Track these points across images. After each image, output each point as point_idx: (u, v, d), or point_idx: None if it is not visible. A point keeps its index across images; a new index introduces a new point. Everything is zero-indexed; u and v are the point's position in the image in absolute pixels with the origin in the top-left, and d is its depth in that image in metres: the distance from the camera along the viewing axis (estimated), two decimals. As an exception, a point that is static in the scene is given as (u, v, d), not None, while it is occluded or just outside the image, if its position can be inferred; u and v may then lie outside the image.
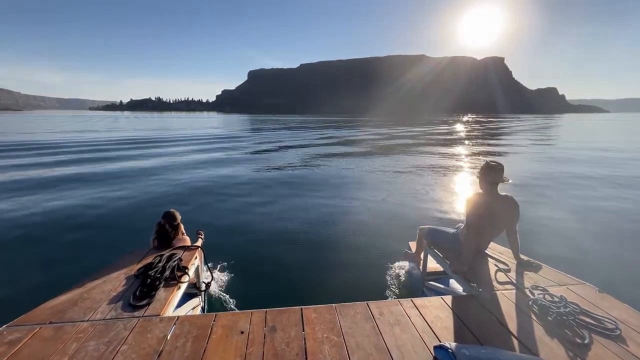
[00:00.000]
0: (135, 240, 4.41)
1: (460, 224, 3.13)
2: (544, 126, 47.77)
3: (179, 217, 3.35)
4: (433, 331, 1.96)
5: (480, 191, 2.83)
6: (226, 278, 3.81)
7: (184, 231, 3.45)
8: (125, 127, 42.62)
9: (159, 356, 1.72)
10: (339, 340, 1.86)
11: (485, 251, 3.03)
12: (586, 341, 1.81)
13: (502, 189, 2.77)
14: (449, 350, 1.64)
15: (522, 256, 2.86)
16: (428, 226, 3.46)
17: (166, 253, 2.96)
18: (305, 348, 1.78)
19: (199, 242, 3.49)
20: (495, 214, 2.74)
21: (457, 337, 1.90)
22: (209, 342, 1.83)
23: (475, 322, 2.06)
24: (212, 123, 58.66)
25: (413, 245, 3.82)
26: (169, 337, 1.87)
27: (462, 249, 2.87)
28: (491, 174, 2.72)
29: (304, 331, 1.93)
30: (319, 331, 1.93)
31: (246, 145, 20.33)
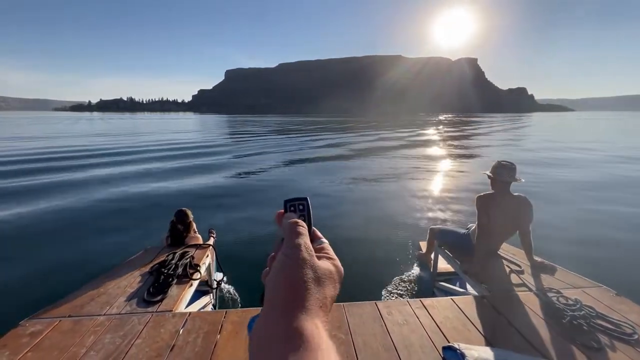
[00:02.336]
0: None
1: (472, 224, 3.11)
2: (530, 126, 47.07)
3: (191, 215, 3.40)
4: (442, 332, 1.94)
5: (492, 191, 2.80)
6: (236, 276, 3.79)
7: (196, 229, 3.50)
8: (74, 131, 34.18)
9: (171, 350, 1.77)
10: (347, 339, 1.85)
11: (498, 252, 2.99)
12: (602, 345, 1.77)
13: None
14: (458, 351, 1.59)
15: (535, 257, 2.79)
16: (439, 226, 3.44)
17: (179, 251, 3.00)
18: None
19: (211, 241, 3.57)
20: (507, 214, 2.70)
21: (467, 338, 1.87)
22: (220, 338, 1.87)
23: (486, 323, 2.03)
24: (185, 126, 49.10)
25: (423, 246, 3.77)
26: (181, 332, 1.92)
27: (473, 250, 2.84)
28: (503, 173, 2.69)
29: None
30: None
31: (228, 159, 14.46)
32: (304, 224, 0.41)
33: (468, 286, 3.06)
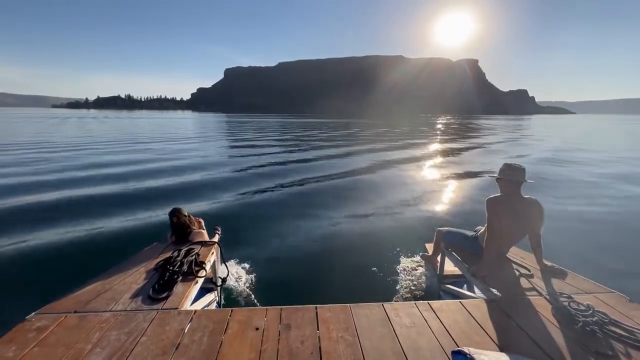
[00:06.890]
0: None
1: (480, 226, 3.04)
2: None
3: (184, 210, 3.37)
4: (451, 335, 1.90)
5: (503, 193, 2.73)
6: (241, 274, 3.73)
7: (203, 226, 3.47)
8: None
9: (176, 348, 1.75)
10: (354, 341, 1.83)
11: (507, 255, 2.92)
12: (616, 353, 1.72)
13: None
14: (468, 355, 1.56)
15: (546, 262, 2.70)
16: (446, 228, 3.36)
17: (184, 248, 2.97)
18: (320, 347, 1.76)
19: (216, 238, 3.51)
20: (518, 217, 2.64)
21: (476, 342, 1.84)
22: (225, 337, 1.85)
23: (495, 327, 1.99)
24: (179, 127, 40.27)
25: (430, 247, 3.70)
26: (186, 331, 1.90)
27: (481, 253, 2.78)
28: (513, 175, 2.63)
29: (318, 330, 1.90)
30: (334, 331, 1.91)
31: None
32: None
33: (476, 289, 2.93)
